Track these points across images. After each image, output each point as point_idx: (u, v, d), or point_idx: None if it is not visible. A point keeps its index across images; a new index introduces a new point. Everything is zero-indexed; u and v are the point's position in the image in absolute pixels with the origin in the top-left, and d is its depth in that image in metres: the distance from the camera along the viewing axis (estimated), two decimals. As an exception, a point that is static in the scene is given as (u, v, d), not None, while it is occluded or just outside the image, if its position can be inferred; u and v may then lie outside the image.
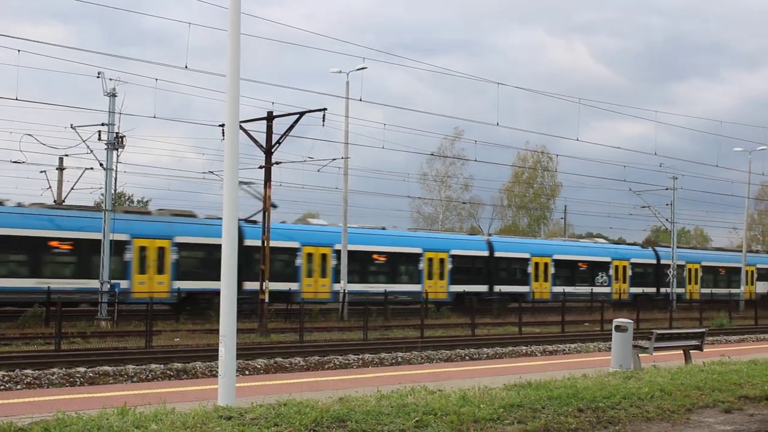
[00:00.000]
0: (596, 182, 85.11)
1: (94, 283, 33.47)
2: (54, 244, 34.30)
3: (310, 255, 40.47)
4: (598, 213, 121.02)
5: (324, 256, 40.84)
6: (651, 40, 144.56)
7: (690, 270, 60.48)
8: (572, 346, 28.66)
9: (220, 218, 11.31)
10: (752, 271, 63.84)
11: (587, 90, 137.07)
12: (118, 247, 34.47)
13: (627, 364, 16.50)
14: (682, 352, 19.33)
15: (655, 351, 17.93)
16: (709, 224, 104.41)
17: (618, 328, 17.02)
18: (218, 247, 12.05)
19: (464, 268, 46.55)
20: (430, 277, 44.61)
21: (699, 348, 19.41)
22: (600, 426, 9.25)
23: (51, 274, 33.89)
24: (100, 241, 33.45)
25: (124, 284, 34.87)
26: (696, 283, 60.58)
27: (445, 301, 45.19)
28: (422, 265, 44.42)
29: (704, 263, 61.99)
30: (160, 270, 36.05)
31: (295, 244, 39.78)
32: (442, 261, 45.23)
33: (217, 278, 11.79)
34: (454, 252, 45.94)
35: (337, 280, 40.19)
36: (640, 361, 17.25)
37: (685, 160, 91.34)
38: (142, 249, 35.65)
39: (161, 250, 36.09)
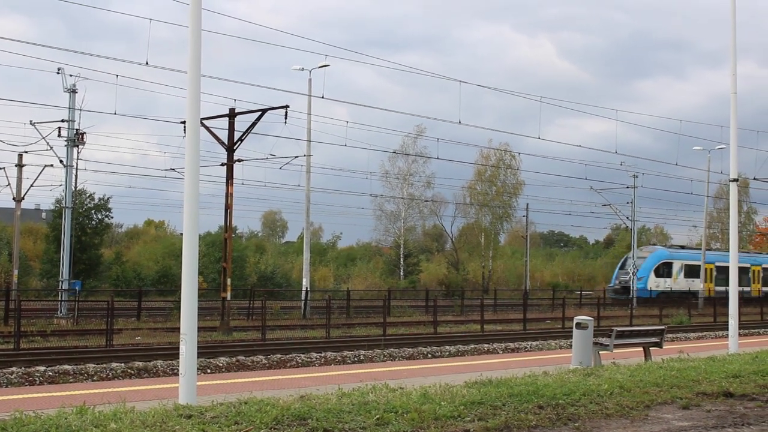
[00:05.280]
0: (558, 180, 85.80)
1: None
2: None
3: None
4: (560, 211, 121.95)
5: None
6: (616, 36, 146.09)
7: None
8: (534, 343, 28.86)
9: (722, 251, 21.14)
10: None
11: (553, 86, 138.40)
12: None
13: (587, 361, 16.63)
14: (642, 349, 19.54)
15: (616, 348, 18.09)
16: (670, 222, 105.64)
17: (579, 326, 17.14)
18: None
19: None
20: (753, 282, 69.20)
21: (659, 345, 19.62)
22: (560, 423, 9.31)
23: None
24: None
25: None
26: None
27: (758, 298, 64.30)
28: (750, 274, 68.65)
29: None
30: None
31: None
32: (756, 272, 69.83)
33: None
34: (765, 265, 71.07)
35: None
36: (600, 358, 17.40)
37: (646, 159, 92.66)
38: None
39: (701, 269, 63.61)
